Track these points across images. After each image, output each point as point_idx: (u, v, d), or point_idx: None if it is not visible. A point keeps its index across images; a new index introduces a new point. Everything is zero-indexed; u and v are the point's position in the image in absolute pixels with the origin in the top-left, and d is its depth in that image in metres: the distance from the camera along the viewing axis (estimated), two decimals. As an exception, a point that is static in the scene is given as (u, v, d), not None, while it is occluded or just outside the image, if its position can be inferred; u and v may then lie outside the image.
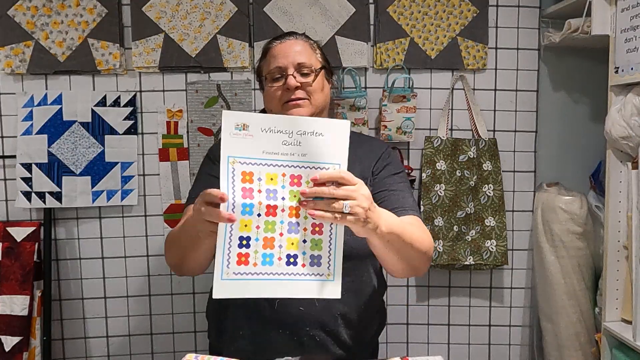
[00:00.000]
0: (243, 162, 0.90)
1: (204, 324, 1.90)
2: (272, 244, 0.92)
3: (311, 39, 1.40)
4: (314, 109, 1.29)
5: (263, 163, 0.91)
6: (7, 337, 1.72)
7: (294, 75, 1.28)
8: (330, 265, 0.95)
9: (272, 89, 1.30)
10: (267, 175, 0.91)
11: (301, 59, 1.30)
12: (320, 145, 0.93)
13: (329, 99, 1.37)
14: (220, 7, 1.81)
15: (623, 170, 1.55)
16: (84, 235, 1.86)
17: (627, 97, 1.47)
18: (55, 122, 1.78)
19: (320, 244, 0.94)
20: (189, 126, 1.84)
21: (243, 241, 0.91)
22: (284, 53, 1.31)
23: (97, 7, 1.78)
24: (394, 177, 1.29)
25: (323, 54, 1.39)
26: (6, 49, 1.76)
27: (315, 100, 1.29)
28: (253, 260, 0.91)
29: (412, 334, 1.95)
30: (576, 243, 1.79)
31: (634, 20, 1.43)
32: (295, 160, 0.92)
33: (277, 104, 1.29)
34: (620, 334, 1.50)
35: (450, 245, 1.85)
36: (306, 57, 1.31)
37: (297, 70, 1.29)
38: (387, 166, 1.30)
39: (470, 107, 1.88)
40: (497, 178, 1.87)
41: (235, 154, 0.89)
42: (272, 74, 1.31)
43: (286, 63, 1.29)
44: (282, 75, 1.29)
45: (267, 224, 0.91)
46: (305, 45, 1.34)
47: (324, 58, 1.38)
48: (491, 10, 1.86)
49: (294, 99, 1.27)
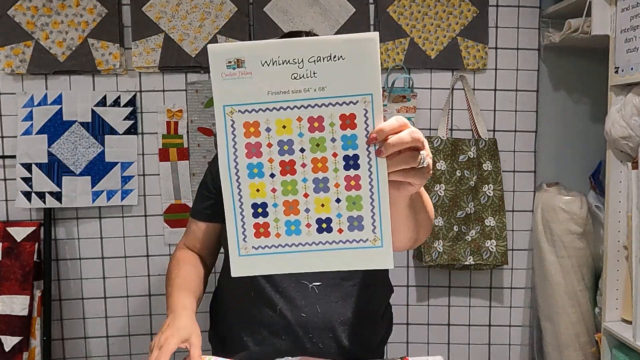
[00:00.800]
0: (244, 110, 0.70)
1: (203, 324, 1.90)
2: (296, 209, 0.74)
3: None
4: None
5: (270, 107, 0.70)
6: (7, 337, 1.72)
7: None
8: (375, 227, 0.75)
9: None
10: (277, 122, 0.70)
11: None
12: (343, 72, 0.70)
13: None
14: (220, 7, 1.81)
15: (623, 170, 1.55)
16: (84, 235, 1.86)
17: (627, 97, 1.47)
18: (55, 122, 1.78)
19: (359, 202, 0.74)
20: (189, 126, 1.84)
21: (258, 209, 0.73)
22: None
23: (97, 7, 1.78)
24: None
25: None
26: (6, 49, 1.76)
27: None
28: (275, 231, 0.74)
29: (412, 334, 1.95)
30: (576, 243, 1.79)
31: (634, 20, 1.43)
32: (312, 98, 0.70)
33: None
34: (620, 334, 1.50)
35: (450, 245, 1.85)
36: None
37: None
38: None
39: (470, 107, 1.88)
40: (497, 178, 1.87)
41: (232, 101, 0.69)
42: None
43: None
44: None
45: (286, 185, 0.73)
46: None
47: None
48: (491, 10, 1.86)
49: None
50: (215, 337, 1.32)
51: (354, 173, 0.73)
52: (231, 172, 0.71)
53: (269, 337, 1.17)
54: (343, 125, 0.71)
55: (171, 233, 1.85)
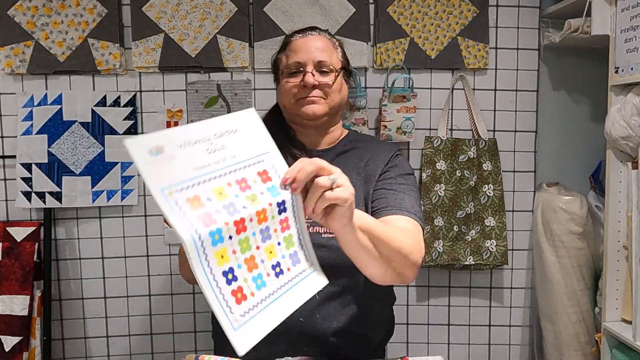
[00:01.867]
0: (180, 188, 0.73)
1: (204, 324, 1.90)
2: (254, 263, 0.80)
3: (334, 37, 1.34)
4: (329, 108, 1.25)
5: (202, 180, 0.76)
6: (7, 337, 1.72)
7: (312, 73, 1.22)
8: (307, 256, 0.86)
9: (288, 84, 1.25)
10: (213, 191, 0.76)
11: (322, 56, 1.24)
12: (242, 140, 0.82)
13: (345, 101, 1.33)
14: (220, 7, 1.81)
15: (623, 170, 1.55)
16: (84, 235, 1.86)
17: (627, 97, 1.47)
18: (55, 122, 1.78)
19: (291, 239, 0.85)
20: (189, 126, 1.84)
21: (228, 275, 0.76)
22: (305, 48, 1.25)
23: (97, 7, 1.78)
24: (397, 178, 1.24)
25: (344, 53, 1.33)
26: (6, 49, 1.76)
27: (331, 100, 1.25)
28: (249, 291, 0.78)
29: (412, 334, 1.95)
30: (576, 243, 1.79)
31: (634, 20, 1.43)
32: (230, 165, 0.80)
33: (291, 100, 1.25)
34: (620, 334, 1.50)
35: (450, 245, 1.85)
36: (327, 55, 1.25)
37: (317, 68, 1.23)
38: (393, 167, 1.26)
39: (470, 107, 1.88)
40: (497, 178, 1.87)
41: (166, 183, 0.72)
42: (290, 68, 1.25)
43: (306, 59, 1.23)
44: (300, 71, 1.24)
45: (242, 243, 0.78)
46: (327, 42, 1.28)
47: (344, 58, 1.32)
48: (491, 10, 1.86)
49: (309, 96, 1.23)
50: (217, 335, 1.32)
51: (284, 215, 0.83)
52: (198, 249, 0.72)
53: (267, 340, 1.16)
54: (263, 179, 0.82)
55: (171, 233, 1.85)
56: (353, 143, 1.33)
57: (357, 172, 1.24)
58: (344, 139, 1.34)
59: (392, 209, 1.14)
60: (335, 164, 1.23)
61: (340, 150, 1.30)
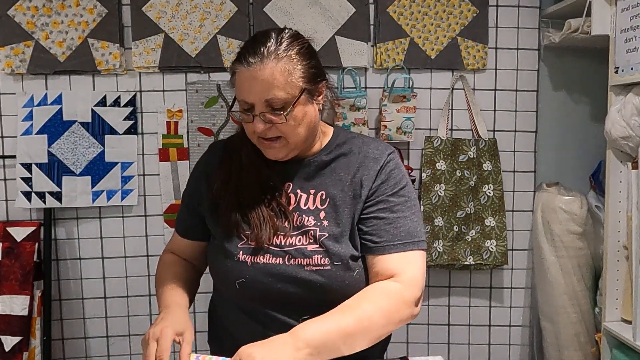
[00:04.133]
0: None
1: (203, 324, 1.89)
2: None
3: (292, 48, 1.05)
4: (292, 147, 1.08)
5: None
6: (7, 337, 1.72)
7: (261, 116, 1.03)
8: None
9: (244, 122, 1.09)
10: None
11: (270, 93, 1.01)
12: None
13: (316, 120, 1.11)
14: (220, 7, 1.81)
15: (623, 170, 1.55)
16: (84, 235, 1.86)
17: (627, 97, 1.47)
18: (55, 122, 1.78)
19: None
20: (189, 126, 1.84)
21: None
22: (249, 86, 1.03)
23: (97, 7, 1.78)
24: (389, 199, 1.10)
25: (307, 65, 1.06)
26: (6, 49, 1.76)
27: (292, 138, 1.06)
28: None
29: (412, 334, 1.95)
30: (576, 243, 1.79)
31: (634, 20, 1.43)
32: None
33: (252, 137, 1.09)
34: (620, 334, 1.50)
35: (450, 245, 1.85)
36: (277, 90, 1.02)
37: (267, 107, 1.03)
38: (382, 184, 1.10)
39: (470, 107, 1.88)
40: (497, 178, 1.87)
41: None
42: (242, 105, 1.07)
43: (252, 100, 1.03)
44: (251, 110, 1.05)
45: None
46: (277, 69, 1.02)
47: (306, 73, 1.06)
48: (491, 10, 1.86)
49: (267, 139, 1.07)
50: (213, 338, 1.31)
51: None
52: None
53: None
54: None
55: (171, 233, 1.84)
56: (338, 149, 1.15)
57: (342, 189, 1.11)
58: (329, 145, 1.16)
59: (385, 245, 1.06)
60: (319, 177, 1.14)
61: (323, 161, 1.14)
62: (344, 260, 1.06)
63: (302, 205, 1.11)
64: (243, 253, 1.08)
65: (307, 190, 1.12)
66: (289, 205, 1.11)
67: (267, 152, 1.10)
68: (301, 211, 1.11)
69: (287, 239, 1.08)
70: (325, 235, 1.07)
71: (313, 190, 1.12)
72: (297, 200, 1.12)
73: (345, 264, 1.06)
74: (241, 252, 1.08)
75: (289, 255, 1.07)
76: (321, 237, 1.07)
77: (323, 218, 1.09)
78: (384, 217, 1.08)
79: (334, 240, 1.07)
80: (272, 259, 1.07)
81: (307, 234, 1.08)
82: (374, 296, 1.03)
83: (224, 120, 1.84)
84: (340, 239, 1.08)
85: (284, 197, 1.12)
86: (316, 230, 1.08)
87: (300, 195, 1.12)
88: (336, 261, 1.06)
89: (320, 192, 1.12)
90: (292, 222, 1.09)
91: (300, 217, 1.10)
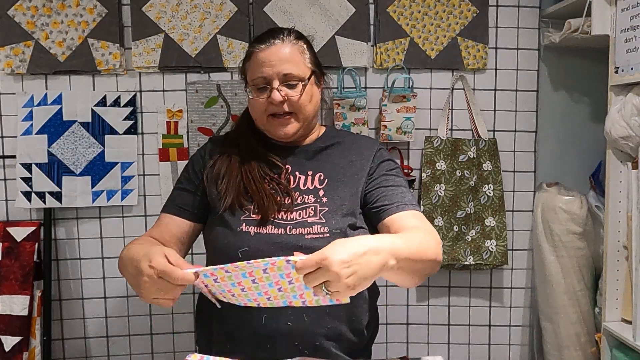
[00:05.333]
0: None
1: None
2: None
3: (301, 39, 1.26)
4: (301, 124, 1.23)
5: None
6: (7, 337, 1.72)
7: (278, 88, 1.18)
8: None
9: (256, 100, 1.21)
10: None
11: (288, 68, 1.18)
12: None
13: (318, 106, 1.29)
14: (220, 7, 1.81)
15: (623, 170, 1.55)
16: (84, 235, 1.86)
17: (627, 97, 1.47)
18: (55, 122, 1.78)
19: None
20: (189, 126, 1.84)
21: None
22: (268, 61, 1.19)
23: (97, 7, 1.78)
24: (388, 174, 1.23)
25: (313, 54, 1.27)
26: (6, 49, 1.76)
27: (302, 114, 1.22)
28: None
29: (412, 334, 1.95)
30: (576, 243, 1.79)
31: (634, 20, 1.43)
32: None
33: (262, 116, 1.22)
34: (620, 334, 1.50)
35: (450, 245, 1.85)
36: (293, 66, 1.19)
37: (283, 82, 1.19)
38: (381, 164, 1.25)
39: (470, 107, 1.88)
40: (497, 178, 1.87)
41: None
42: (256, 83, 1.21)
43: (271, 74, 1.18)
44: (267, 87, 1.19)
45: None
46: (293, 50, 1.21)
47: (313, 60, 1.26)
48: (491, 10, 1.86)
49: (279, 113, 1.20)
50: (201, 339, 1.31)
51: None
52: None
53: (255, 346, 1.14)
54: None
55: (171, 233, 1.85)
56: (332, 139, 1.30)
57: (339, 170, 1.23)
58: (323, 136, 1.32)
59: (399, 204, 1.16)
60: (316, 160, 1.25)
61: (319, 147, 1.28)
62: (342, 229, 1.15)
63: (301, 186, 1.22)
64: (246, 225, 1.16)
65: (305, 172, 1.23)
66: (289, 185, 1.21)
67: (278, 130, 1.22)
68: (301, 191, 1.21)
69: (289, 214, 1.17)
70: (325, 210, 1.17)
71: (311, 172, 1.23)
72: (297, 181, 1.22)
73: (343, 232, 1.14)
74: (244, 224, 1.17)
75: (290, 226, 1.15)
76: (321, 210, 1.17)
77: (322, 196, 1.19)
78: (389, 186, 1.20)
79: (333, 213, 1.17)
80: (274, 229, 1.15)
81: (308, 209, 1.18)
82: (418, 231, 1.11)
83: (224, 120, 1.84)
84: (338, 212, 1.17)
85: (284, 178, 1.22)
86: (316, 206, 1.17)
87: (299, 177, 1.23)
88: (334, 229, 1.14)
89: (318, 174, 1.23)
90: (293, 200, 1.19)
91: (301, 197, 1.20)
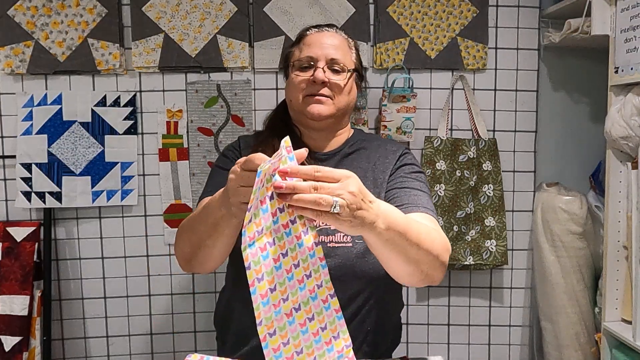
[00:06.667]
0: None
1: (204, 324, 1.90)
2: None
3: (350, 38, 1.31)
4: (335, 110, 1.21)
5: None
6: (7, 337, 1.72)
7: (323, 69, 1.19)
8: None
9: (297, 78, 1.21)
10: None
11: (335, 54, 1.21)
12: None
13: (353, 104, 1.28)
14: (220, 7, 1.81)
15: (623, 170, 1.55)
16: (84, 235, 1.86)
17: (627, 97, 1.48)
18: (55, 122, 1.78)
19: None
20: (189, 126, 1.84)
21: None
22: (319, 43, 1.22)
23: (97, 7, 1.78)
24: (408, 177, 1.21)
25: (358, 55, 1.30)
26: (6, 49, 1.76)
27: (338, 101, 1.21)
28: None
29: (412, 334, 1.95)
30: (576, 243, 1.79)
31: (634, 20, 1.43)
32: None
33: (298, 96, 1.21)
34: (620, 334, 1.50)
35: (450, 245, 1.85)
36: (341, 54, 1.22)
37: (328, 65, 1.20)
38: (401, 167, 1.23)
39: (470, 107, 1.88)
40: (497, 178, 1.87)
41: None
42: (301, 62, 1.22)
43: (319, 54, 1.20)
44: (311, 66, 1.21)
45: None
46: (342, 41, 1.26)
47: (358, 60, 1.29)
48: (491, 10, 1.86)
49: (317, 94, 1.19)
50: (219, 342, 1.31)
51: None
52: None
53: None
54: None
55: (171, 233, 1.85)
56: (359, 144, 1.29)
57: (364, 175, 1.21)
58: (350, 140, 1.30)
59: (409, 205, 1.11)
60: (342, 165, 1.22)
61: (346, 153, 1.27)
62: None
63: None
64: None
65: None
66: None
67: (312, 108, 1.20)
68: None
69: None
70: None
71: None
72: None
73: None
74: None
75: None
76: None
77: None
78: (403, 187, 1.17)
79: None
80: None
81: None
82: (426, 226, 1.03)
83: (224, 120, 1.84)
84: None
85: None
86: None
87: None
88: (358, 239, 1.12)
89: None
90: None
91: None
